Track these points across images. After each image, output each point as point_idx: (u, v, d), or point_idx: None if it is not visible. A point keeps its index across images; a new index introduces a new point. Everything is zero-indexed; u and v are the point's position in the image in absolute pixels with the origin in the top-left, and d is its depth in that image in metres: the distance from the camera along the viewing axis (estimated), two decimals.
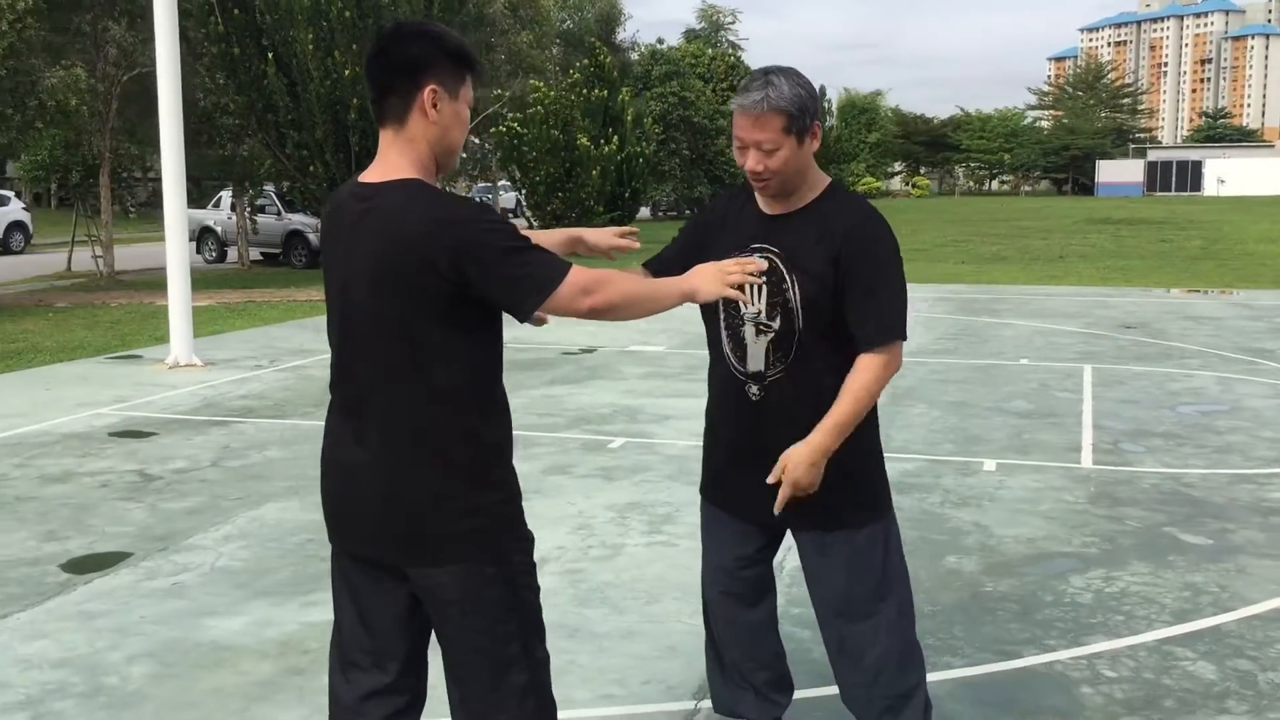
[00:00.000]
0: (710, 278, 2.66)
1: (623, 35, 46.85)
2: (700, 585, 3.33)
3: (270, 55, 17.94)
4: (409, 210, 2.34)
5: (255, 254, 25.89)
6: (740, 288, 2.68)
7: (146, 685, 3.92)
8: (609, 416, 8.25)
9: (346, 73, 17.76)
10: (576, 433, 7.72)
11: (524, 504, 2.54)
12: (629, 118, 29.10)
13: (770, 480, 2.84)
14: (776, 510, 2.85)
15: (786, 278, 2.90)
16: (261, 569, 5.08)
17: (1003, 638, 4.29)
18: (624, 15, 45.49)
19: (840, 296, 2.85)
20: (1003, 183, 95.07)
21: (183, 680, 3.96)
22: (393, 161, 2.43)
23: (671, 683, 3.94)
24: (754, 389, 2.98)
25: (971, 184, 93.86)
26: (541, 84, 25.33)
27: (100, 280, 20.80)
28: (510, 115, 25.77)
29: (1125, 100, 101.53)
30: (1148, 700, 3.78)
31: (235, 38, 18.03)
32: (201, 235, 26.96)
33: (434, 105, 2.41)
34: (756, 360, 2.96)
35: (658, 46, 46.75)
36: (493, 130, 26.66)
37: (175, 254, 10.78)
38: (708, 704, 3.51)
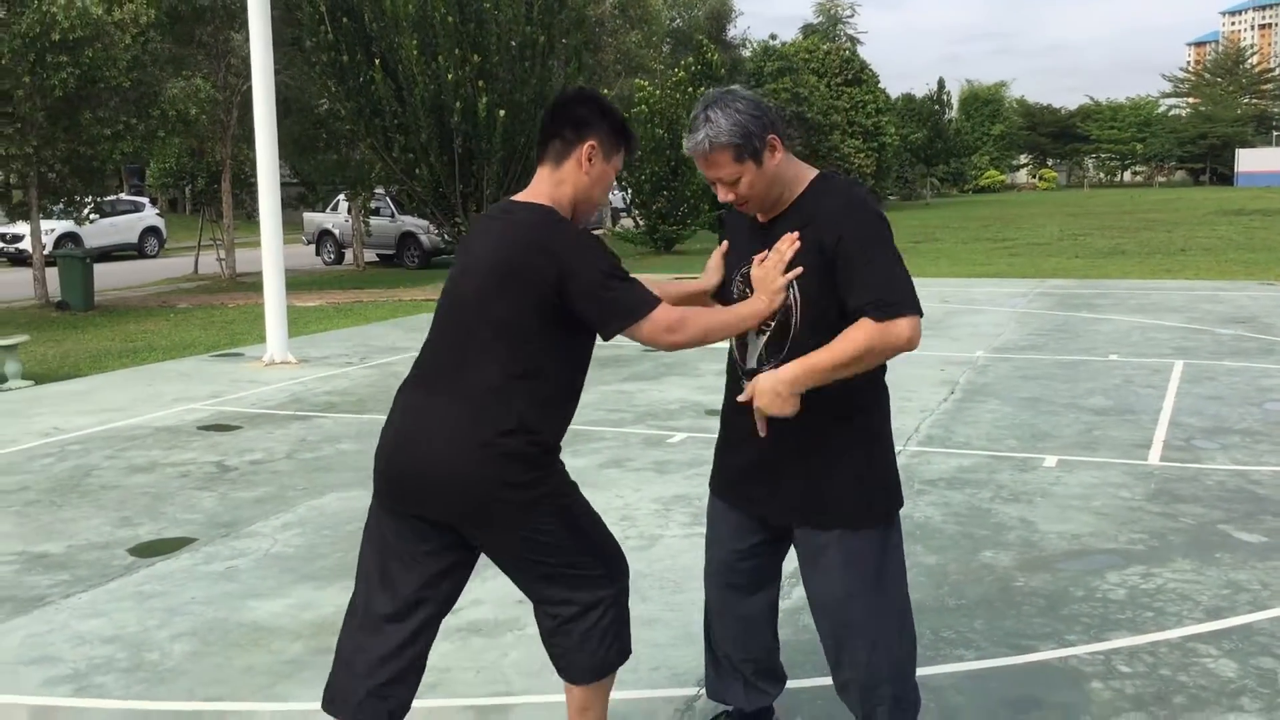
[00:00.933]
0: (768, 285, 2.91)
1: (734, 32, 46.84)
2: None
3: (377, 61, 18.42)
4: (536, 226, 2.76)
5: (371, 255, 26.65)
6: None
7: (184, 662, 4.16)
8: (676, 412, 8.34)
9: (450, 77, 18.14)
10: (640, 428, 7.83)
11: None
12: None
13: (741, 399, 2.93)
14: (762, 432, 2.90)
15: None
16: (312, 555, 5.31)
17: (1022, 632, 4.25)
18: (735, 12, 45.44)
19: (829, 284, 2.85)
20: (1135, 174, 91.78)
21: (218, 658, 4.19)
22: (538, 190, 2.86)
23: (679, 670, 4.01)
24: None
25: (1102, 176, 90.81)
26: (646, 83, 25.44)
27: (222, 282, 21.71)
28: None
29: (1268, 86, 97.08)
30: (1157, 696, 3.72)
31: (344, 45, 18.57)
32: (320, 238, 27.85)
33: (589, 159, 2.84)
34: (755, 357, 3.02)
35: (770, 43, 46.51)
36: None
37: (270, 256, 11.23)
38: None
